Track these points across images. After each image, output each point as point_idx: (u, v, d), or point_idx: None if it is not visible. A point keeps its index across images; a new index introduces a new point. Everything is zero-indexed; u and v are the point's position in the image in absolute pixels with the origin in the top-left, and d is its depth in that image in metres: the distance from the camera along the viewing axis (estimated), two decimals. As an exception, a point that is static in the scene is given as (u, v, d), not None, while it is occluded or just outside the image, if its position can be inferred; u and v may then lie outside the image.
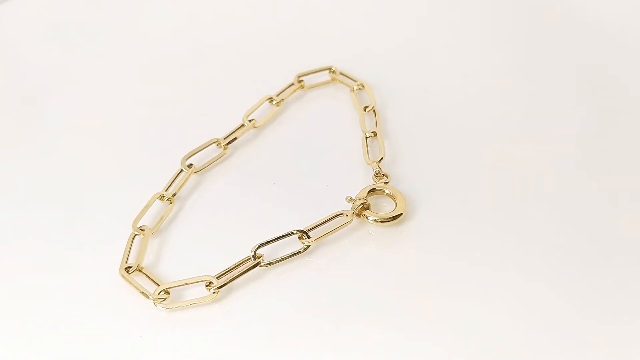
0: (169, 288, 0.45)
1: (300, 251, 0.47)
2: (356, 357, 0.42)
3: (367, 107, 0.56)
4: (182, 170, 0.52)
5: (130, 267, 0.46)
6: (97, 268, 0.47)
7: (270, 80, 0.59)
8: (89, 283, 0.47)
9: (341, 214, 0.48)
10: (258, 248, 0.46)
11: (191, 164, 0.53)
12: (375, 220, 0.48)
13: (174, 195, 0.51)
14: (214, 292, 0.45)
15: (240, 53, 0.63)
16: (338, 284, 0.46)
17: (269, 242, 0.46)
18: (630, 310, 0.44)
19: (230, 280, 0.45)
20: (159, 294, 0.45)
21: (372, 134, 0.54)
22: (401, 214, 0.48)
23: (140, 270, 0.47)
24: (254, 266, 0.46)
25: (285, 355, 0.43)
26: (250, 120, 0.56)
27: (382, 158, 0.52)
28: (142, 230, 0.48)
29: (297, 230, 0.47)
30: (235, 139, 0.54)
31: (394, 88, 0.59)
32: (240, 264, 0.46)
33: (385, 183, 0.50)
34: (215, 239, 0.49)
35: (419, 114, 0.56)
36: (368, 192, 0.49)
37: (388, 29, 0.64)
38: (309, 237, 0.47)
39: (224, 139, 0.54)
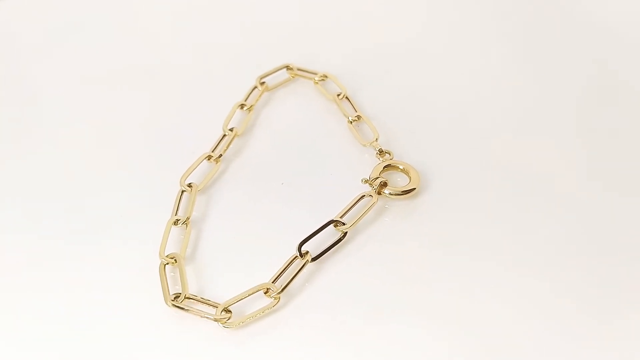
0: (229, 306, 0.44)
1: (340, 239, 0.47)
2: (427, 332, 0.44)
3: (339, 94, 0.57)
4: (183, 191, 0.51)
5: (178, 295, 0.45)
6: (134, 302, 0.45)
7: (235, 86, 0.59)
8: (134, 318, 0.45)
9: (364, 195, 0.49)
10: (302, 245, 0.46)
11: (191, 184, 0.51)
12: (390, 194, 0.50)
13: (188, 218, 0.49)
14: (274, 298, 0.44)
15: (198, 62, 0.62)
16: (382, 265, 0.47)
17: (309, 237, 0.47)
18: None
19: (289, 283, 0.45)
20: (221, 313, 0.43)
21: (356, 118, 0.55)
22: (414, 188, 0.50)
23: (189, 298, 0.45)
24: (305, 263, 0.46)
25: (365, 342, 0.43)
26: (230, 130, 0.55)
27: (377, 138, 0.53)
28: (173, 258, 0.46)
29: (333, 220, 0.47)
30: (225, 150, 0.54)
31: (353, 77, 0.59)
32: (289, 264, 0.46)
33: (390, 159, 0.52)
34: (245, 250, 0.48)
35: (388, 96, 0.58)
36: (383, 169, 0.51)
37: (339, 23, 0.66)
38: (344, 224, 0.48)
39: (212, 151, 0.53)
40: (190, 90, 0.60)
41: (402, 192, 0.50)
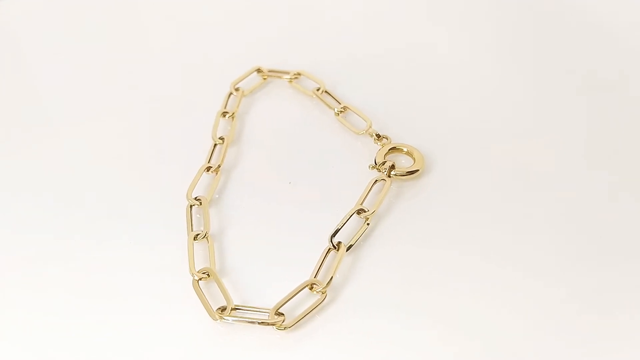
0: (279, 308, 0.43)
1: (367, 225, 0.48)
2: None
3: (318, 89, 0.58)
4: (192, 206, 0.49)
5: (224, 307, 0.43)
6: (168, 324, 0.44)
7: (209, 94, 0.58)
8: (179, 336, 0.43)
9: (377, 180, 0.50)
10: (333, 237, 0.46)
11: (198, 197, 0.50)
12: (395, 175, 0.51)
13: (207, 232, 0.48)
14: (321, 293, 0.44)
15: (173, 72, 0.61)
16: (410, 247, 0.47)
17: (338, 230, 0.47)
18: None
19: (332, 276, 0.45)
20: (274, 317, 0.43)
21: (342, 109, 0.56)
22: (418, 170, 0.51)
23: (235, 308, 0.44)
24: (342, 254, 0.46)
25: (416, 330, 0.43)
26: (221, 139, 0.54)
27: (370, 125, 0.54)
28: (205, 273, 0.45)
29: (355, 210, 0.48)
30: (222, 159, 0.53)
31: (322, 76, 0.60)
32: (324, 257, 0.46)
33: (392, 143, 0.53)
34: (268, 253, 0.47)
35: (365, 90, 0.59)
36: (387, 152, 0.52)
37: (308, 25, 0.66)
38: (365, 211, 0.48)
39: (209, 162, 0.52)
40: (166, 101, 0.58)
41: (408, 172, 0.51)
